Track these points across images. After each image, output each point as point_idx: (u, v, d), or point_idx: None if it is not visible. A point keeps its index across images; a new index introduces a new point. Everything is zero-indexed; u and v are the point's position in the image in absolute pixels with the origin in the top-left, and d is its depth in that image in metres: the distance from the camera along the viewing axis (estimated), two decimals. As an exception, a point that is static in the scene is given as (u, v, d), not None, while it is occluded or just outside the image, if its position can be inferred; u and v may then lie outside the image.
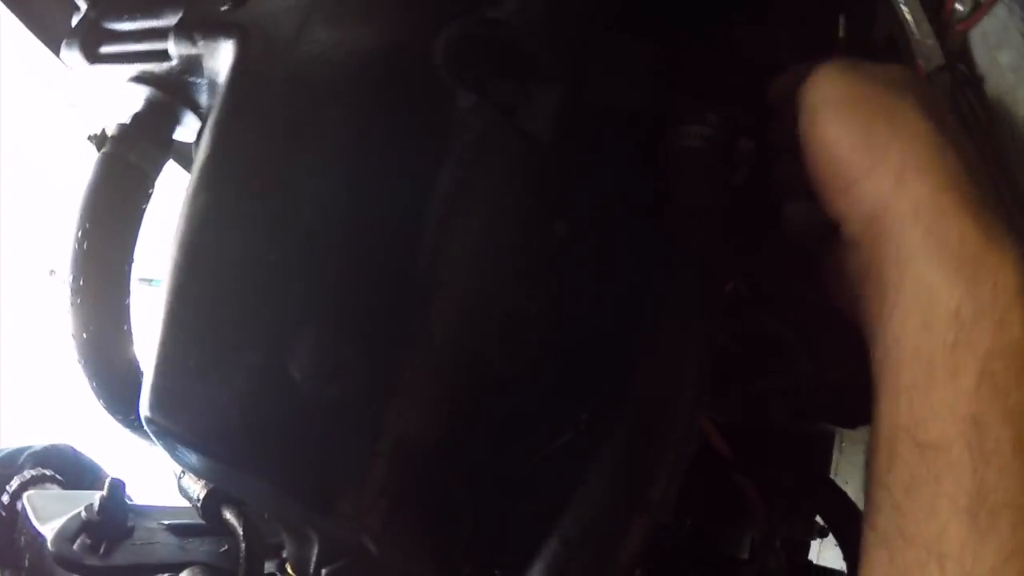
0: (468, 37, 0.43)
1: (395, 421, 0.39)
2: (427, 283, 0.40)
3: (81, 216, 0.65)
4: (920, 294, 0.40)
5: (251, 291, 0.41)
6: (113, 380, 0.66)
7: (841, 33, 0.66)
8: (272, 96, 0.47)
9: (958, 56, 0.65)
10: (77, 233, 0.65)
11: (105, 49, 0.66)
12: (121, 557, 0.66)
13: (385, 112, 0.44)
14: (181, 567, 0.68)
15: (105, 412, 0.68)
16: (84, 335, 0.65)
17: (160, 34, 0.60)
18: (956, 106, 0.63)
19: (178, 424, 0.41)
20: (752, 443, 0.74)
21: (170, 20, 0.59)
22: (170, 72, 0.61)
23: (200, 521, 0.67)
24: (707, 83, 0.52)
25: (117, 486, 0.69)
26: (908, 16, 0.61)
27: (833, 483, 0.80)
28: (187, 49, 0.56)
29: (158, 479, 0.76)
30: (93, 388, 0.67)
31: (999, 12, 0.63)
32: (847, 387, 0.72)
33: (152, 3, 0.62)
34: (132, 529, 0.69)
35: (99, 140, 0.67)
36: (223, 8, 0.54)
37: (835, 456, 1.15)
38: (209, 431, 0.39)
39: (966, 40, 0.64)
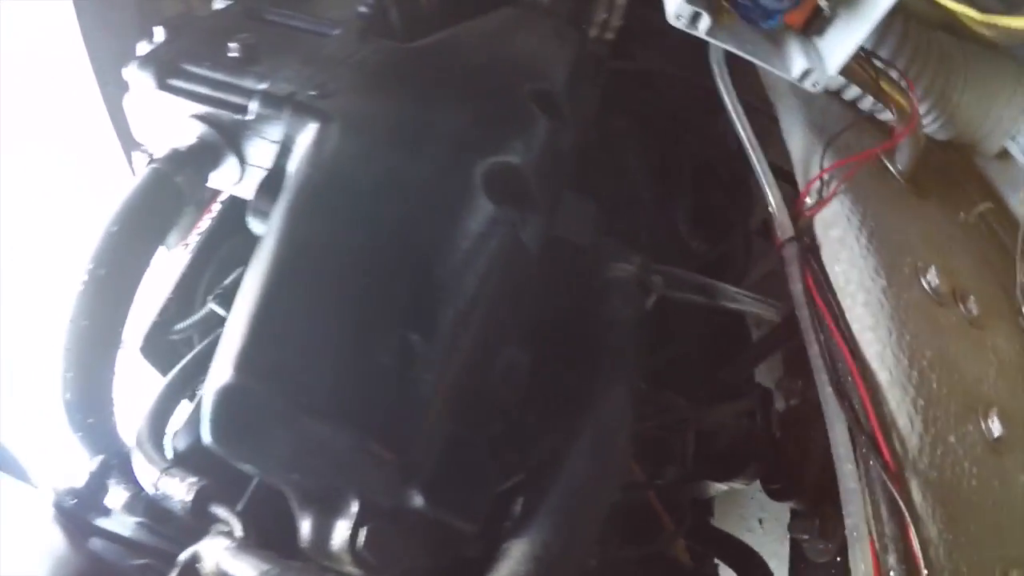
0: (496, 171, 0.64)
1: (443, 403, 0.56)
2: (460, 321, 0.59)
3: (118, 213, 0.70)
4: None
5: (349, 297, 0.58)
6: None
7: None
8: (350, 169, 0.65)
9: (805, 231, 0.91)
10: (111, 228, 0.69)
11: (174, 82, 0.77)
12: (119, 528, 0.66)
13: (436, 204, 0.64)
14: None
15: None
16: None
17: (241, 92, 0.74)
18: (802, 264, 0.89)
19: (268, 386, 0.54)
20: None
21: (252, 84, 0.75)
22: (236, 124, 0.74)
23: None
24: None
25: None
26: (773, 204, 0.87)
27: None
28: (269, 114, 0.71)
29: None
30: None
31: (833, 204, 0.89)
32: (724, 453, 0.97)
33: (235, 64, 0.77)
34: (109, 511, 0.69)
35: (151, 156, 0.75)
36: (311, 93, 0.71)
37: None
38: (307, 391, 0.53)
39: (811, 221, 0.91)
